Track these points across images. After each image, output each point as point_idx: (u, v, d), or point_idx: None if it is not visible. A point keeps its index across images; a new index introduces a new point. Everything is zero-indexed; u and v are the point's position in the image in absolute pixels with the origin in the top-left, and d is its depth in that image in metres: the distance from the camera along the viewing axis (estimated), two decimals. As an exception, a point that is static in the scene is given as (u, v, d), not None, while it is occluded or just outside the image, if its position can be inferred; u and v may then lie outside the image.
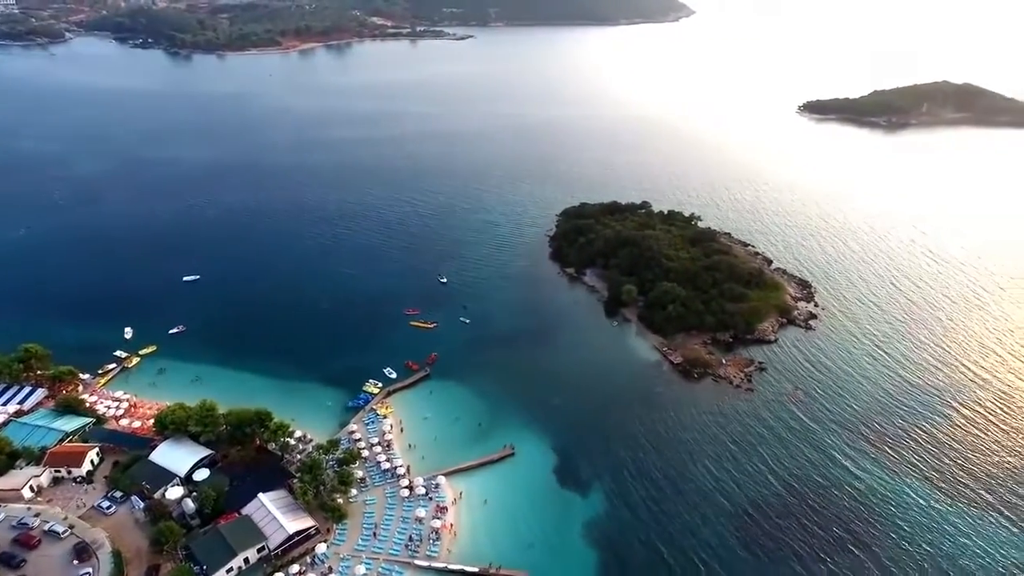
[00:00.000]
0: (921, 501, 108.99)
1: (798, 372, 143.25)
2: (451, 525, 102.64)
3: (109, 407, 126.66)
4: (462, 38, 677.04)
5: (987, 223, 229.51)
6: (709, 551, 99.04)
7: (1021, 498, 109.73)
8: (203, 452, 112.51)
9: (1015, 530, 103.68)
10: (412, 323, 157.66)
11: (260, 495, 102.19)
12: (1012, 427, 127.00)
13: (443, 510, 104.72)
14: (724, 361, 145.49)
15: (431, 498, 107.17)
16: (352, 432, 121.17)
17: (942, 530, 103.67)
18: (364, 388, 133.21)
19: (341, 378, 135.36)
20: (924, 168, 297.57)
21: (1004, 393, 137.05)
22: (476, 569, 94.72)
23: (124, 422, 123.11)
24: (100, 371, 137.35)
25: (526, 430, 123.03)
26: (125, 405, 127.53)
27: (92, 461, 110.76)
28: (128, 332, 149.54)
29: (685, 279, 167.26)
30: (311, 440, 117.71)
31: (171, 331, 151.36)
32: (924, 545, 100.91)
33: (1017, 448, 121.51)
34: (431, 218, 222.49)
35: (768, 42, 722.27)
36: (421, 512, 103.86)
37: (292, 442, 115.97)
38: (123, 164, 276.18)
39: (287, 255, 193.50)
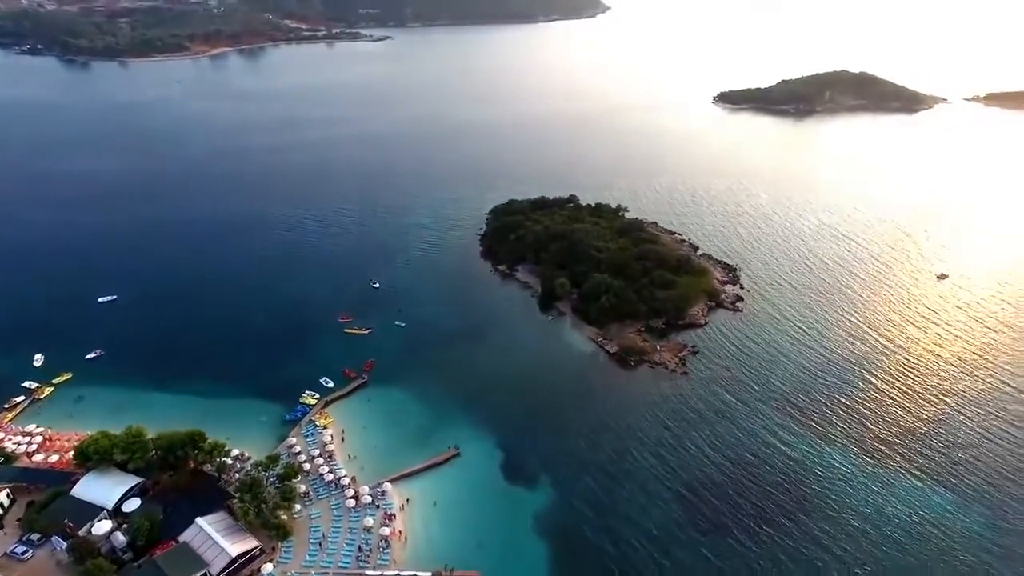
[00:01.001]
0: (844, 466, 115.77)
1: (728, 353, 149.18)
2: (400, 532, 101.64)
3: (19, 443, 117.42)
4: (380, 39, 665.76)
5: (882, 203, 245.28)
6: (653, 534, 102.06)
7: (927, 455, 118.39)
8: (132, 481, 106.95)
9: (924, 484, 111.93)
10: (347, 330, 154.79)
11: (198, 520, 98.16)
12: (917, 390, 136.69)
13: (391, 517, 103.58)
14: (658, 347, 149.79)
15: (378, 506, 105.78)
16: (292, 446, 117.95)
17: (864, 491, 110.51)
18: (301, 400, 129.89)
19: (277, 391, 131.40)
20: (827, 153, 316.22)
21: (909, 360, 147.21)
22: (429, 573, 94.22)
23: (39, 457, 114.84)
24: (6, 405, 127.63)
25: (469, 430, 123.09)
26: (39, 439, 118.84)
27: (1, 504, 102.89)
28: (38, 359, 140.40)
29: (616, 270, 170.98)
30: (249, 458, 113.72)
31: (88, 356, 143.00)
32: (849, 508, 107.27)
33: (922, 409, 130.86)
34: (359, 223, 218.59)
35: (682, 36, 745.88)
36: (369, 521, 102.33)
37: (229, 461, 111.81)
38: (25, 179, 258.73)
39: (211, 268, 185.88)
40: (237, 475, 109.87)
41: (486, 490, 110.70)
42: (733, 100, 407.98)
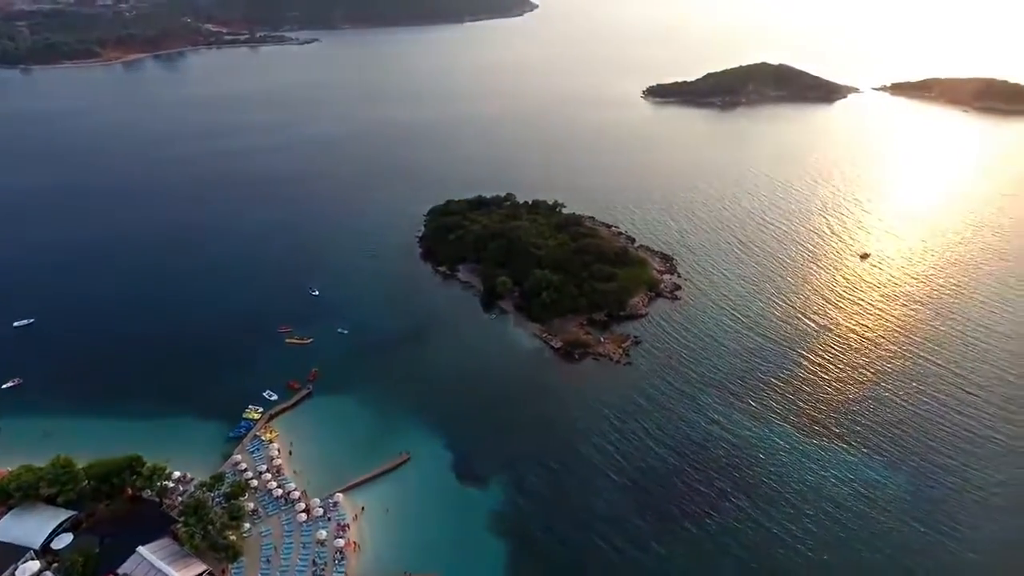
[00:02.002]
0: (783, 445, 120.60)
1: (669, 341, 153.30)
2: (355, 542, 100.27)
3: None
4: (307, 42, 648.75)
5: (805, 189, 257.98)
6: (602, 526, 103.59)
7: (857, 428, 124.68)
8: (63, 515, 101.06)
9: (855, 456, 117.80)
10: (288, 341, 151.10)
11: (139, 549, 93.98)
12: (845, 367, 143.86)
13: (345, 528, 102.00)
14: (602, 339, 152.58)
15: (330, 518, 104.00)
16: (237, 463, 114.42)
17: (802, 467, 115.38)
18: (244, 415, 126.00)
19: (218, 408, 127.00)
20: (752, 143, 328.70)
21: (837, 338, 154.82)
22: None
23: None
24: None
25: (419, 434, 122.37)
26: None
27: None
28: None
29: (556, 265, 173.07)
30: (192, 479, 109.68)
31: (4, 386, 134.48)
32: (788, 484, 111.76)
33: (850, 385, 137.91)
34: (295, 231, 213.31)
35: (609, 32, 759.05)
36: (322, 534, 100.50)
37: (171, 485, 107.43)
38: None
39: (138, 285, 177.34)
40: (180, 498, 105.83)
41: (439, 493, 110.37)
42: (662, 94, 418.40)
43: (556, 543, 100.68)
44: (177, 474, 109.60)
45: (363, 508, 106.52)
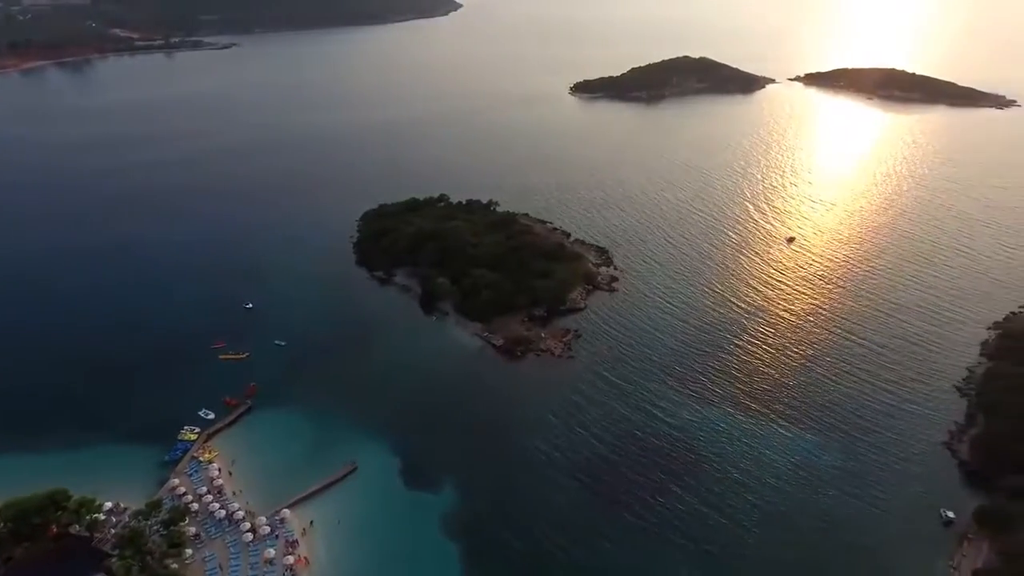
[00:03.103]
0: (723, 426, 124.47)
1: (609, 333, 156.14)
2: (305, 557, 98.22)
3: None
4: (225, 47, 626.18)
5: (731, 177, 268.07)
6: (555, 521, 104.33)
7: (791, 405, 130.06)
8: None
9: (791, 432, 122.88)
10: (222, 356, 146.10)
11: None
12: (777, 347, 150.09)
13: (293, 544, 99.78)
14: (543, 335, 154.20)
15: (278, 535, 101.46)
16: (175, 487, 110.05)
17: (742, 446, 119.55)
18: (180, 436, 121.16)
19: (151, 431, 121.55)
20: (678, 134, 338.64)
21: (768, 320, 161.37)
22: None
23: None
24: None
25: (364, 442, 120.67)
26: None
27: None
28: None
29: (493, 264, 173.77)
30: (126, 509, 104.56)
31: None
32: (730, 463, 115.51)
33: (783, 364, 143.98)
34: (223, 244, 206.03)
35: (535, 30, 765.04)
36: (270, 552, 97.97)
37: (102, 517, 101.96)
38: None
39: (56, 305, 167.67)
40: (113, 531, 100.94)
41: (389, 500, 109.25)
42: (589, 90, 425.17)
43: (509, 543, 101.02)
44: (108, 505, 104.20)
45: (311, 522, 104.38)
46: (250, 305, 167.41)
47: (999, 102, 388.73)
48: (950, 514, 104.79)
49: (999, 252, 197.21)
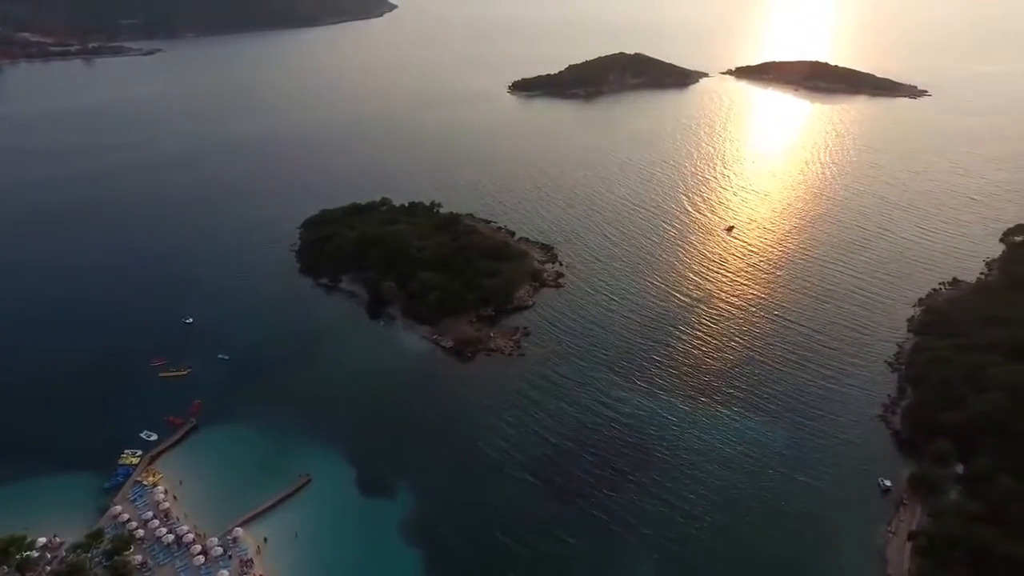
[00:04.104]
0: (671, 416, 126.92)
1: (558, 329, 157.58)
2: (261, 575, 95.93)
3: None
4: (149, 53, 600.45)
5: (669, 170, 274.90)
6: (512, 520, 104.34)
7: (735, 391, 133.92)
8: None
9: (737, 418, 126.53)
10: (162, 374, 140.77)
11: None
12: (720, 335, 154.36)
13: (249, 563, 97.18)
14: (492, 334, 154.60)
15: (231, 556, 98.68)
16: (117, 515, 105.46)
17: (691, 435, 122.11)
18: (121, 461, 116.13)
19: (88, 458, 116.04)
20: (616, 129, 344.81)
21: (710, 309, 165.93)
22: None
23: None
24: None
25: (317, 453, 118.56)
26: None
27: None
28: None
29: (440, 266, 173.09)
30: (63, 543, 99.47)
31: None
32: (680, 453, 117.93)
33: (726, 351, 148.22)
34: (158, 257, 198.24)
35: (472, 29, 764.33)
36: (224, 574, 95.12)
37: (35, 554, 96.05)
38: None
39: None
40: (49, 567, 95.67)
41: (346, 510, 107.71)
42: (527, 88, 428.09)
43: (467, 545, 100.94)
44: (43, 540, 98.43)
45: (265, 539, 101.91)
46: (190, 320, 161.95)
47: (913, 92, 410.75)
48: (887, 482, 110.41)
49: (917, 234, 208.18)
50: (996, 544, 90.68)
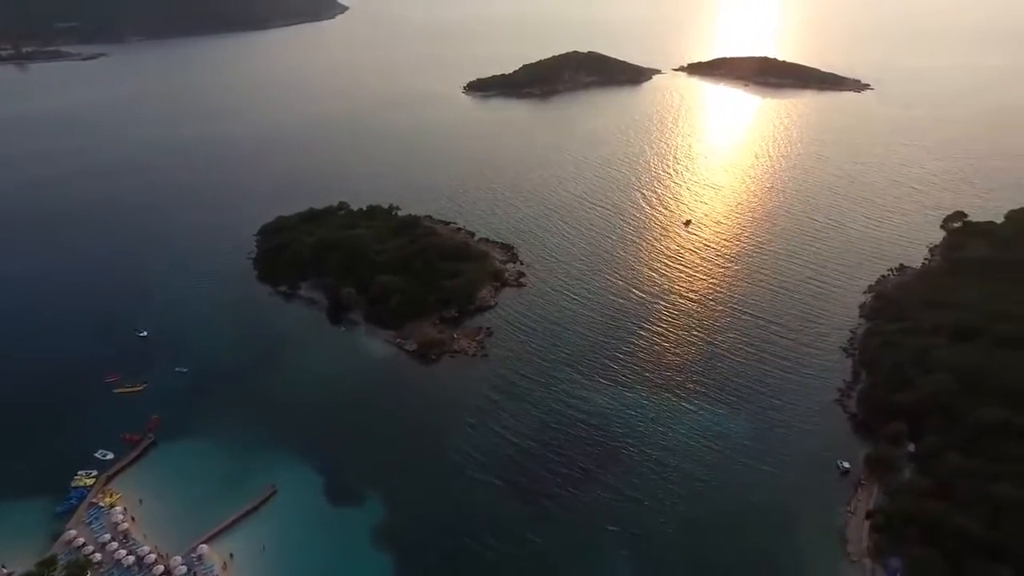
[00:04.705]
0: (638, 411, 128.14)
1: (520, 328, 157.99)
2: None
3: None
4: (91, 58, 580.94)
5: (623, 166, 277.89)
6: (480, 524, 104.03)
7: (702, 383, 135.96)
8: None
9: (701, 410, 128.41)
10: (117, 390, 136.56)
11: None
12: (681, 329, 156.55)
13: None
14: (455, 336, 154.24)
15: (196, 574, 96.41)
16: (71, 540, 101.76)
17: (656, 430, 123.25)
18: (74, 483, 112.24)
19: (39, 482, 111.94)
20: (571, 127, 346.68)
21: (670, 303, 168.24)
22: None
23: None
24: None
25: (282, 464, 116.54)
26: None
27: None
28: None
29: (400, 269, 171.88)
30: (11, 573, 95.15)
31: None
32: (646, 448, 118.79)
33: (687, 344, 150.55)
34: (109, 269, 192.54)
35: (424, 31, 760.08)
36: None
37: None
38: None
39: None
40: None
41: (314, 519, 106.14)
42: (482, 88, 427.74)
43: (438, 550, 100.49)
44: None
45: (231, 555, 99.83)
46: (144, 333, 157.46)
47: (857, 86, 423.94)
48: (845, 464, 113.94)
49: (865, 224, 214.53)
50: (946, 518, 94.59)
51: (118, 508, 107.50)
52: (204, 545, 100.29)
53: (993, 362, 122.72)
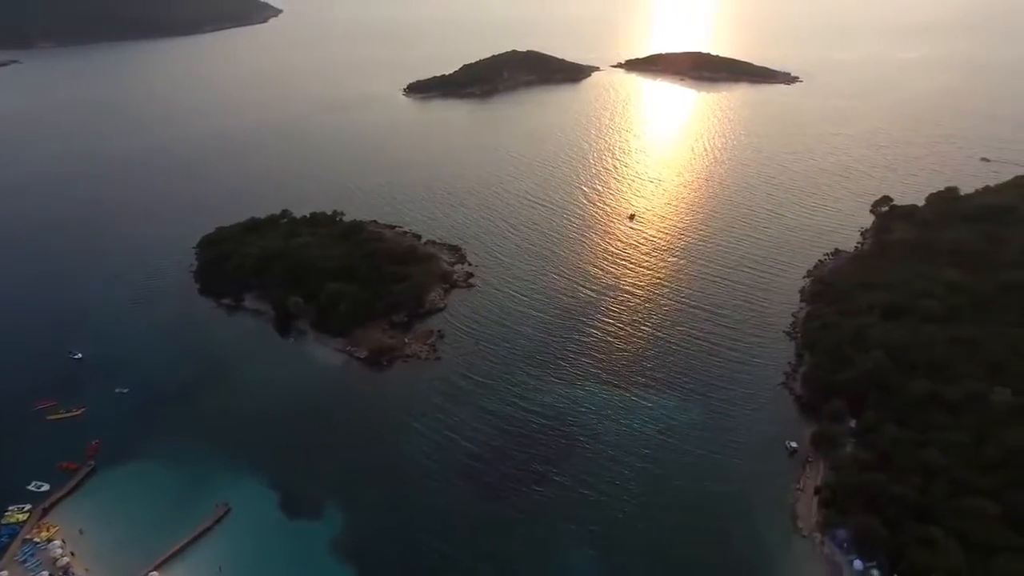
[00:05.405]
0: (591, 405, 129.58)
1: (472, 328, 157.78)
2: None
3: None
4: (1, 65, 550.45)
5: (556, 164, 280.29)
6: (441, 529, 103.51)
7: (652, 375, 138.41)
8: None
9: (653, 400, 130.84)
10: (51, 416, 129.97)
11: None
12: (630, 322, 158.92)
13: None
14: (407, 340, 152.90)
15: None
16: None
17: (612, 424, 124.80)
18: (5, 520, 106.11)
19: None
20: (511, 126, 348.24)
21: (618, 297, 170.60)
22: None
23: None
24: None
25: (235, 481, 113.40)
26: None
27: None
28: None
29: (347, 275, 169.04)
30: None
31: None
32: (603, 443, 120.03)
33: (637, 336, 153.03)
34: (37, 289, 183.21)
35: (361, 33, 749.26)
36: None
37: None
38: None
39: None
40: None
41: (271, 535, 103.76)
42: (422, 89, 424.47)
43: (400, 557, 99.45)
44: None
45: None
46: (79, 355, 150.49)
47: (787, 79, 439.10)
48: (793, 444, 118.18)
49: (799, 211, 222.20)
50: (886, 488, 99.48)
51: (56, 542, 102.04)
52: (154, 572, 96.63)
53: (921, 337, 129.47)
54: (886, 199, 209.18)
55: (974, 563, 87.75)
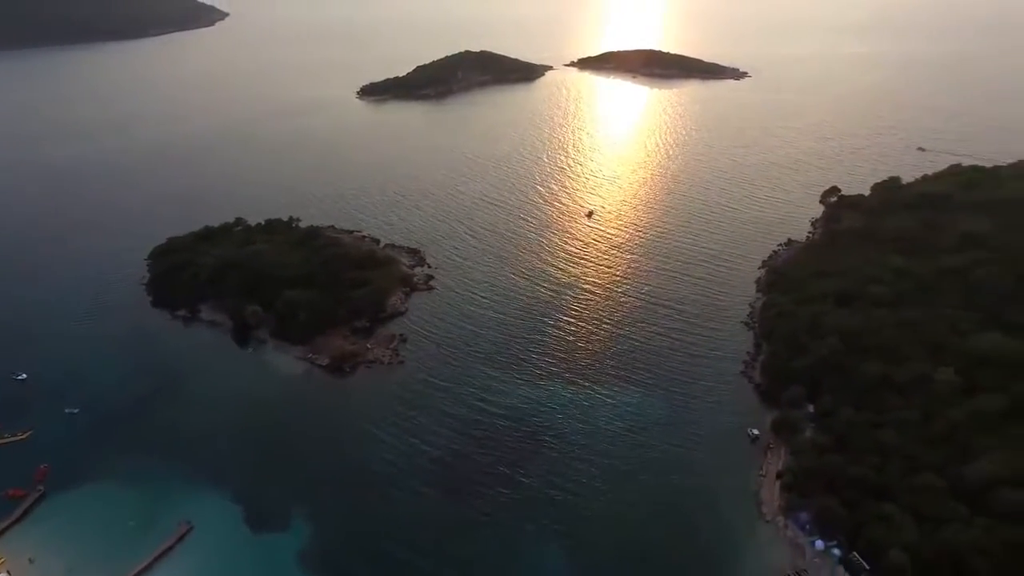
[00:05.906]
0: (556, 403, 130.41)
1: (434, 331, 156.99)
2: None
3: None
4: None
5: (521, 162, 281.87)
6: (410, 535, 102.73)
7: (614, 370, 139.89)
8: None
9: (616, 396, 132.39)
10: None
11: None
12: (591, 319, 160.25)
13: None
14: (369, 346, 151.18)
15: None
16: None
17: (576, 422, 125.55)
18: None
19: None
20: (466, 127, 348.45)
21: (578, 295, 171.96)
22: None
23: None
24: None
25: (196, 497, 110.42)
26: None
27: None
28: None
29: (305, 282, 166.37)
30: None
31: None
32: (569, 442, 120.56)
33: (598, 333, 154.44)
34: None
35: (311, 36, 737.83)
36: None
37: None
38: None
39: None
40: None
41: (236, 550, 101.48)
42: (376, 92, 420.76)
43: (369, 566, 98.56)
44: None
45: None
46: (23, 376, 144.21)
47: (736, 74, 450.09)
48: (755, 431, 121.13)
49: (752, 203, 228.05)
50: (844, 469, 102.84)
51: (3, 574, 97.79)
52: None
53: (872, 322, 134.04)
54: (834, 189, 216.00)
55: (926, 535, 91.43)
